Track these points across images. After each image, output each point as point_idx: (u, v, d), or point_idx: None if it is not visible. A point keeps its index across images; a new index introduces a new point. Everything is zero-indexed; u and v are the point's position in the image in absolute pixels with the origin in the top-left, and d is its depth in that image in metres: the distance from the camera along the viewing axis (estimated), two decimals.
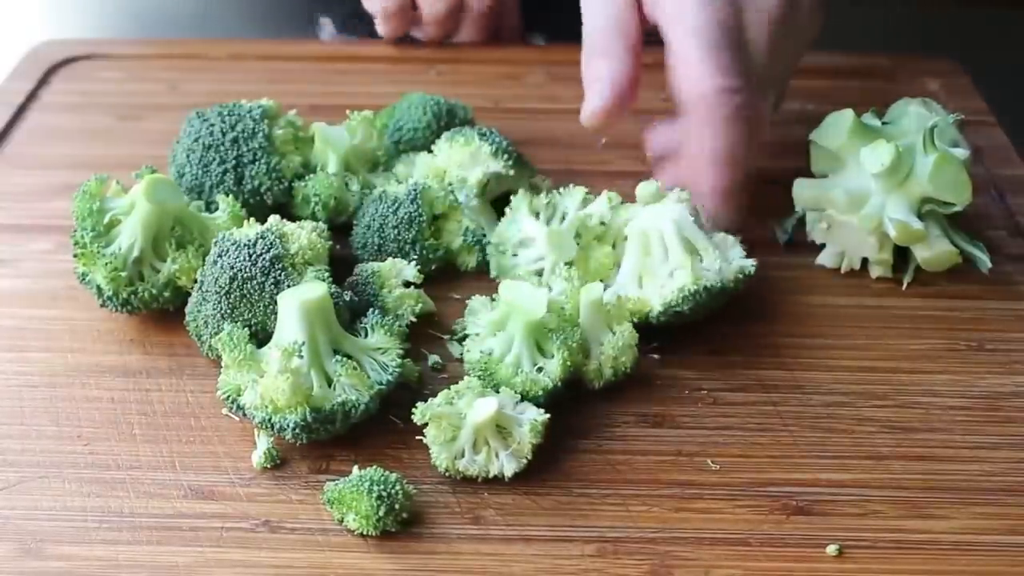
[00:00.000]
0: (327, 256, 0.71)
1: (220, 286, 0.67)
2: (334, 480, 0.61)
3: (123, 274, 0.71)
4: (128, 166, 0.82)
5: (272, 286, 0.66)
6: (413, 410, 0.63)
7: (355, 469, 0.61)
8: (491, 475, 0.63)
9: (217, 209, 0.75)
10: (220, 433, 0.66)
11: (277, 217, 0.71)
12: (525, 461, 0.63)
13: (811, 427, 0.67)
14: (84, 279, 0.72)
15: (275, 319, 0.66)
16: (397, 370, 0.65)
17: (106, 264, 0.70)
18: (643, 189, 0.73)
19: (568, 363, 0.66)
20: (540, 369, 0.66)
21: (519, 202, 0.77)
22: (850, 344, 0.73)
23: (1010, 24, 1.19)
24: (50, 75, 0.98)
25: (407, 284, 0.73)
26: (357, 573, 0.59)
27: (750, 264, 0.72)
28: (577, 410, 0.68)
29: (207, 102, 0.81)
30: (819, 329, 0.74)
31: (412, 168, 0.82)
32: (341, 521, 0.60)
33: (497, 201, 0.80)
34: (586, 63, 0.76)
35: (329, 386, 0.64)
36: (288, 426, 0.62)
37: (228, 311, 0.67)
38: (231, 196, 0.75)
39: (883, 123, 0.77)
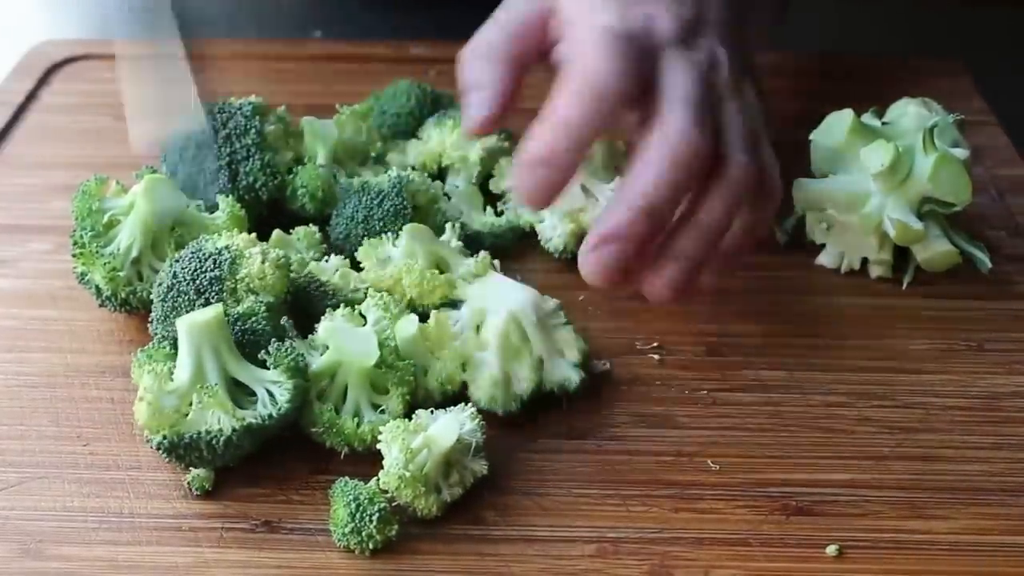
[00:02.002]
0: (282, 286, 0.68)
1: (161, 291, 0.67)
2: (332, 478, 0.61)
3: (121, 274, 0.71)
4: (128, 166, 0.82)
5: (201, 306, 0.65)
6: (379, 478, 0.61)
7: (373, 481, 0.61)
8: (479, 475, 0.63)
9: (216, 209, 0.75)
10: None
11: (252, 237, 0.70)
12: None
13: (811, 427, 0.67)
14: (83, 279, 0.72)
15: None
16: (287, 405, 0.62)
17: (104, 264, 0.70)
18: None
19: (407, 396, 0.65)
20: (382, 410, 0.65)
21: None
22: (850, 344, 0.73)
23: (1010, 24, 1.19)
24: (50, 75, 0.98)
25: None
26: (357, 574, 0.59)
27: (575, 378, 0.68)
28: (577, 410, 0.68)
29: (208, 102, 0.81)
30: (819, 329, 0.74)
31: (405, 156, 0.82)
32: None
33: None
34: (470, 62, 0.69)
35: (210, 411, 0.61)
36: (152, 444, 0.61)
37: (161, 316, 0.67)
38: (230, 197, 0.75)
39: (883, 123, 0.77)
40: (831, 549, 0.60)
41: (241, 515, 0.61)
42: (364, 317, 0.68)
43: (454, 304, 0.71)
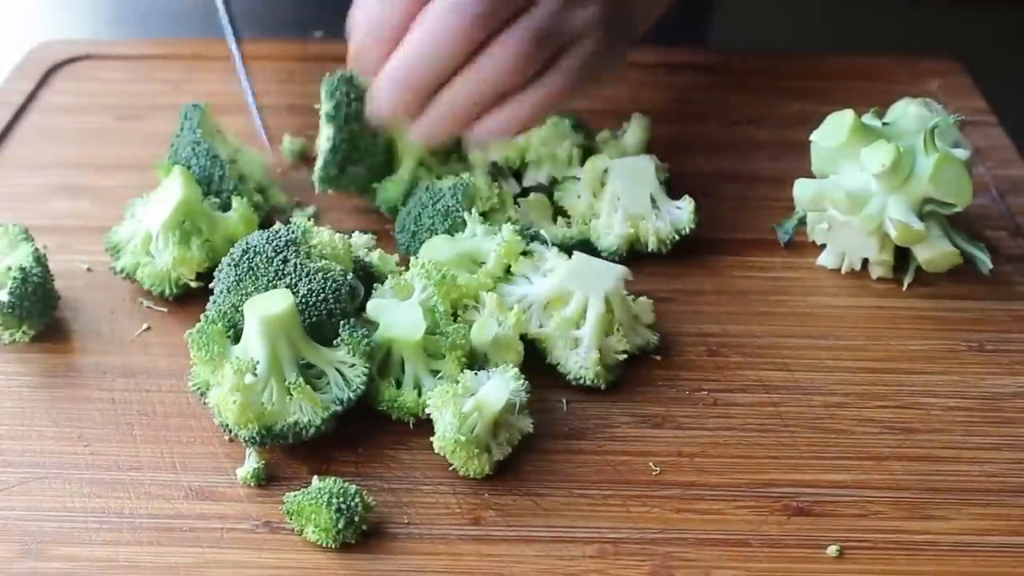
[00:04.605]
0: (349, 258, 0.70)
1: (233, 259, 0.68)
2: (294, 492, 0.61)
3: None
4: (128, 166, 0.82)
5: (280, 262, 0.66)
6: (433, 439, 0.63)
7: (315, 480, 0.61)
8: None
9: (228, 208, 0.76)
10: (220, 434, 0.66)
11: (307, 216, 0.73)
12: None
13: (812, 428, 0.67)
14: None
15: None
16: (361, 387, 0.64)
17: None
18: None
19: (462, 359, 0.66)
20: (440, 375, 0.66)
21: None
22: (850, 345, 0.73)
23: (1010, 24, 1.19)
24: (50, 75, 0.98)
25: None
26: (358, 573, 0.59)
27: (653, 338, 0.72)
28: (577, 411, 0.68)
29: (208, 102, 0.81)
30: (819, 329, 0.74)
31: (487, 152, 0.82)
32: (300, 532, 0.60)
33: None
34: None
35: (289, 399, 0.63)
36: (240, 436, 0.63)
37: (234, 283, 0.67)
38: (245, 198, 0.76)
39: (883, 123, 0.77)
40: (832, 549, 0.60)
41: (241, 515, 0.61)
42: (412, 286, 0.69)
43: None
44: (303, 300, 0.65)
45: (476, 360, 0.68)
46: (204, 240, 0.74)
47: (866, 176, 0.75)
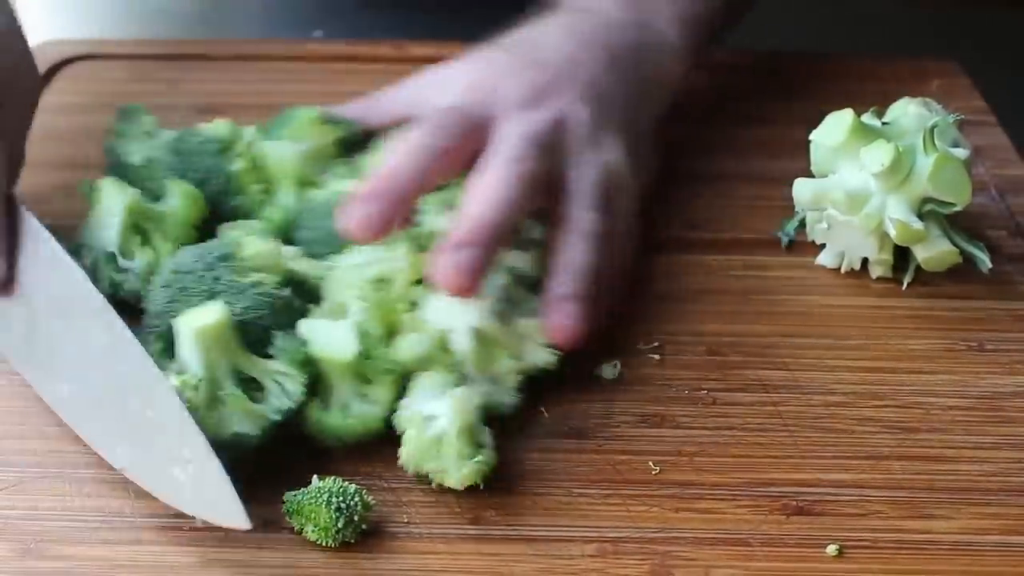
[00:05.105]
0: (282, 269, 0.68)
1: (166, 281, 0.67)
2: (294, 491, 0.61)
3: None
4: None
5: (212, 280, 0.66)
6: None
7: (314, 479, 0.61)
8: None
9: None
10: None
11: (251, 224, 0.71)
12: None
13: (811, 427, 0.67)
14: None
15: None
16: (301, 397, 0.63)
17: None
18: None
19: (396, 381, 0.65)
20: (371, 398, 0.65)
21: None
22: (850, 344, 0.73)
23: (1010, 24, 1.19)
24: (50, 75, 0.98)
25: None
26: (358, 573, 0.59)
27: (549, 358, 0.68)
28: (577, 410, 0.68)
29: (208, 102, 0.81)
30: (819, 329, 0.74)
31: (356, 171, 0.78)
32: (300, 531, 0.60)
33: None
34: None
35: (226, 411, 0.62)
36: None
37: (166, 303, 0.66)
38: (182, 180, 0.74)
39: (883, 123, 0.77)
40: (831, 549, 0.60)
41: None
42: (346, 307, 0.68)
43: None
44: (239, 317, 0.64)
45: (411, 380, 0.65)
46: (160, 235, 0.73)
47: (866, 176, 0.75)
